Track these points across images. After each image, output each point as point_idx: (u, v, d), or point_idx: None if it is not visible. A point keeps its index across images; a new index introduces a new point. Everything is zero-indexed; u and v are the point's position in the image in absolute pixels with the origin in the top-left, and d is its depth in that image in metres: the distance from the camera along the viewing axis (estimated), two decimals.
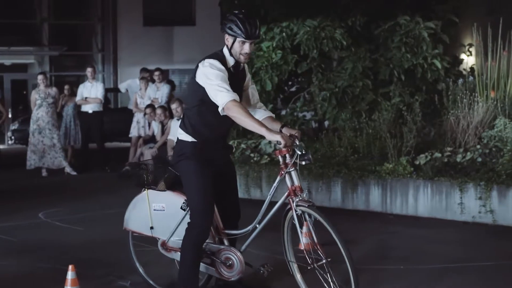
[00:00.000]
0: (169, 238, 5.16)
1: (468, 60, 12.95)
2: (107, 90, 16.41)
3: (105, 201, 9.65)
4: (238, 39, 4.68)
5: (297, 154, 4.63)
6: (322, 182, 9.03)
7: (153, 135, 12.26)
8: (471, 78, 10.36)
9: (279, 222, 4.88)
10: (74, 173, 12.70)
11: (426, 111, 10.04)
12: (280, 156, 4.72)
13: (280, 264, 4.99)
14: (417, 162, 8.63)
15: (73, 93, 13.82)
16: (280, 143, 4.48)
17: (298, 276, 4.93)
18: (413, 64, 10.32)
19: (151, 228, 5.23)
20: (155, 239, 5.29)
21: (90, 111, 13.11)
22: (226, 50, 4.78)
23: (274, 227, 4.88)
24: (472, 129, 8.80)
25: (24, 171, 12.58)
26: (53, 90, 12.87)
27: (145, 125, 12.85)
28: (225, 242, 5.03)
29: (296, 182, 4.71)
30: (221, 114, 4.63)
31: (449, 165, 8.40)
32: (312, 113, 11.26)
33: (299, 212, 4.67)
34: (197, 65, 4.76)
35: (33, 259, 6.49)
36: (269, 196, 4.85)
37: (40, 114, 12.56)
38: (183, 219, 5.01)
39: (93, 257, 6.49)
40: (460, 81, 10.39)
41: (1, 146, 19.09)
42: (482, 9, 18.49)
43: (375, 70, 10.68)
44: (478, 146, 8.50)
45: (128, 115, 13.71)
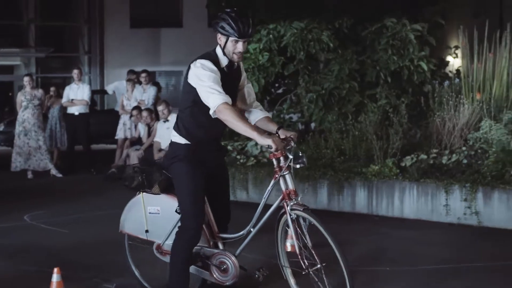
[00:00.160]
0: (164, 242, 5.09)
1: (454, 62, 13.04)
2: (94, 92, 16.33)
3: (92, 203, 9.59)
4: (231, 38, 4.60)
5: (290, 158, 4.58)
6: (308, 184, 9.03)
7: (139, 137, 12.24)
8: (457, 80, 10.41)
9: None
10: (60, 175, 12.65)
11: (412, 113, 10.06)
12: (274, 159, 4.66)
13: (276, 268, 4.93)
14: (403, 164, 8.65)
15: (59, 95, 13.73)
16: (271, 147, 4.43)
17: (292, 281, 4.86)
18: (400, 66, 10.34)
19: (146, 232, 5.17)
20: (151, 242, 5.21)
21: (76, 113, 13.05)
22: (219, 50, 4.70)
23: (271, 231, 4.84)
24: (458, 131, 8.84)
25: (9, 173, 12.50)
26: (39, 92, 12.82)
27: (132, 127, 12.81)
28: (220, 246, 4.97)
29: (291, 186, 4.68)
30: (213, 117, 4.55)
31: (435, 167, 8.43)
32: (299, 115, 11.26)
33: (294, 216, 4.61)
34: (189, 66, 4.67)
35: (18, 262, 6.44)
36: (263, 200, 4.80)
37: (26, 116, 12.50)
38: (178, 223, 4.93)
39: (79, 260, 6.43)
40: (446, 83, 10.43)
41: None
42: (468, 12, 18.61)
43: (362, 72, 10.69)
44: (464, 148, 8.54)
45: (115, 117, 13.67)
